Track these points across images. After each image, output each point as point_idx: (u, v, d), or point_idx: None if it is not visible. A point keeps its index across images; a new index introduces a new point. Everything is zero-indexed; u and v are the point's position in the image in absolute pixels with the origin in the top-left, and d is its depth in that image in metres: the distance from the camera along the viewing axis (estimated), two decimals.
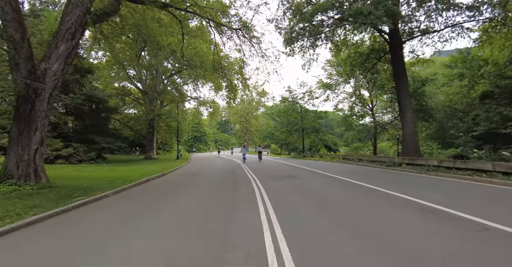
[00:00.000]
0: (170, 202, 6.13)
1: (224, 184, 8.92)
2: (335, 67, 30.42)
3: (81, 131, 21.97)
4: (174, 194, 7.31)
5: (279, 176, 10.31)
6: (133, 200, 6.64)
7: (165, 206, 5.76)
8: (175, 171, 14.88)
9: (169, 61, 32.52)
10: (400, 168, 11.85)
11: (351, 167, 14.39)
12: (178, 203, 6.07)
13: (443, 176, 9.31)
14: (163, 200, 6.45)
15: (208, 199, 6.55)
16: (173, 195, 7.15)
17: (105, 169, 14.62)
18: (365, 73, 16.11)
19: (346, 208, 5.21)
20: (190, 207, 5.73)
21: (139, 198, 6.95)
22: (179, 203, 6.08)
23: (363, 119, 29.63)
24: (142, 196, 7.13)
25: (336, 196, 6.57)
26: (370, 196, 6.36)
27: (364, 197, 6.31)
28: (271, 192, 6.88)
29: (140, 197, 7.02)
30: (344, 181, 8.81)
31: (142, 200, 6.60)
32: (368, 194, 6.58)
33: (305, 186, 7.97)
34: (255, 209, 5.13)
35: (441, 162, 10.22)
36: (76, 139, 20.22)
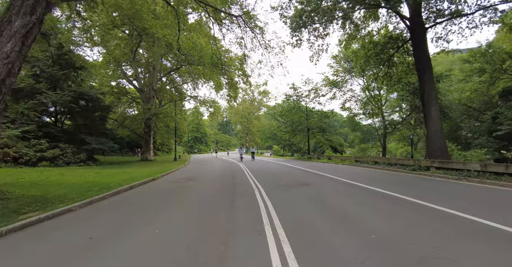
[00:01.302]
0: (144, 225, 4.54)
1: (221, 195, 7.00)
2: (341, 64, 28.86)
3: (71, 131, 20.50)
4: (154, 212, 5.71)
5: (288, 183, 8.59)
6: (99, 219, 5.06)
7: (136, 230, 4.17)
8: (168, 175, 13.32)
9: (167, 58, 31.14)
10: (429, 172, 10.13)
11: (369, 171, 12.63)
12: (154, 227, 4.48)
13: (495, 185, 7.47)
14: (137, 220, 4.87)
15: (196, 220, 4.95)
16: (152, 213, 5.55)
17: (91, 173, 13.08)
18: (380, 66, 14.50)
19: (406, 245, 3.20)
20: (166, 238, 4.13)
21: (108, 215, 5.37)
22: (156, 227, 4.48)
23: (372, 119, 27.96)
24: (114, 213, 5.54)
25: (377, 217, 4.49)
26: (435, 221, 4.22)
27: (428, 222, 4.16)
28: (282, 211, 5.05)
29: (111, 214, 5.43)
30: (374, 192, 6.95)
31: (110, 219, 5.02)
32: (427, 217, 4.49)
33: (325, 199, 6.19)
34: (262, 245, 3.30)
35: (486, 166, 8.49)
36: (65, 139, 18.73)
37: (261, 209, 5.16)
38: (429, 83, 11.49)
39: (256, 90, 61.03)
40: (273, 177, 10.31)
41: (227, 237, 3.61)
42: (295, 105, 27.07)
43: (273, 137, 50.96)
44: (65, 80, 21.27)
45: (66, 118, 22.56)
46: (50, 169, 14.44)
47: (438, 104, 11.76)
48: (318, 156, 24.34)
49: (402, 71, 14.42)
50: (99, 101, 21.96)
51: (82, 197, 6.58)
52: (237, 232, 3.85)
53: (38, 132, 16.72)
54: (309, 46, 14.64)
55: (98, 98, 21.27)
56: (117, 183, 9.34)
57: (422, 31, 11.71)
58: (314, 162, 21.01)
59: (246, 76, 25.94)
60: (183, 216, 4.93)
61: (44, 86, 17.64)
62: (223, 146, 79.47)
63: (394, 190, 7.05)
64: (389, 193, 6.74)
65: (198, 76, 31.80)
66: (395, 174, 10.64)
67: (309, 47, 14.62)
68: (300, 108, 26.70)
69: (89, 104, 20.90)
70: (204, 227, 4.15)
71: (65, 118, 21.27)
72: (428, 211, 4.93)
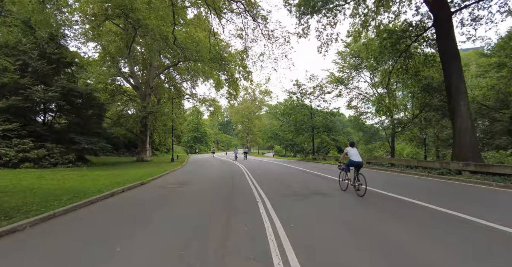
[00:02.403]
0: (109, 255, 3.16)
1: (213, 210, 5.20)
2: (347, 60, 27.48)
3: (60, 130, 19.19)
4: (114, 237, 4.34)
5: (297, 191, 7.08)
6: (50, 244, 3.68)
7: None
8: (160, 178, 11.96)
9: (165, 54, 29.86)
10: (462, 177, 8.60)
11: (390, 176, 10.91)
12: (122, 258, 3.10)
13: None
14: (89, 253, 3.49)
15: (177, 249, 3.56)
16: (127, 234, 4.18)
17: (75, 176, 11.76)
18: (396, 58, 13.07)
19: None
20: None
21: (67, 237, 4.00)
22: (125, 258, 3.10)
23: (384, 116, 26.53)
24: (76, 232, 4.18)
25: (436, 252, 2.99)
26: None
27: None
28: (297, 236, 3.56)
29: (71, 234, 4.07)
30: (409, 205, 5.38)
31: (64, 245, 3.64)
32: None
33: (351, 216, 4.56)
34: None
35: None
36: (52, 138, 17.42)
37: (270, 242, 3.33)
38: (457, 74, 10.09)
39: (257, 89, 59.74)
40: (279, 183, 8.91)
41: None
42: (299, 103, 25.62)
43: (275, 137, 49.53)
44: (54, 76, 19.96)
45: (56, 116, 21.29)
46: (31, 171, 13.13)
47: (467, 98, 10.34)
48: (323, 157, 22.83)
49: (420, 63, 13.01)
50: (92, 99, 20.66)
51: (43, 209, 5.24)
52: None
53: (22, 131, 15.41)
54: (317, 36, 13.28)
55: (90, 95, 19.96)
56: (98, 188, 8.02)
57: (447, 16, 10.32)
58: (320, 164, 19.56)
59: (247, 73, 24.62)
60: (146, 253, 3.21)
61: (29, 81, 16.33)
62: (223, 146, 78.17)
63: (446, 204, 5.32)
64: (425, 204, 5.34)
65: (197, 73, 30.54)
66: (424, 180, 9.00)
67: (317, 37, 13.26)
68: (304, 106, 25.26)
69: (79, 101, 19.58)
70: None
71: (54, 116, 19.97)
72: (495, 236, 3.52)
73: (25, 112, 16.55)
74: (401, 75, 13.75)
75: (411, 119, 24.75)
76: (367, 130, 29.49)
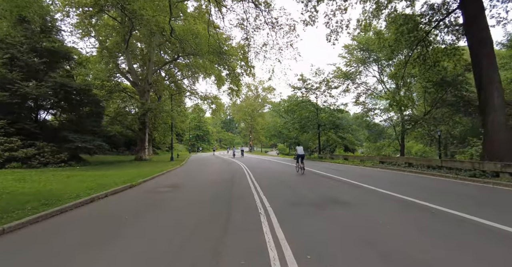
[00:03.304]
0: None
1: (205, 227, 4.00)
2: (354, 54, 26.14)
3: (52, 128, 18.31)
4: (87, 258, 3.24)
5: (310, 199, 5.76)
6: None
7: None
8: (154, 179, 10.94)
9: (165, 49, 28.82)
10: (501, 180, 7.25)
11: (415, 178, 9.34)
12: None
13: None
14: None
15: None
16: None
17: (61, 177, 10.80)
18: (414, 46, 11.75)
19: None
20: None
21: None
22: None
23: (389, 113, 25.24)
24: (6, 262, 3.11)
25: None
26: None
27: None
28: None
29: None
30: (472, 226, 3.85)
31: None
32: None
33: (385, 239, 3.32)
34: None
35: None
36: (43, 137, 16.52)
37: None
38: (489, 61, 8.81)
39: (260, 86, 58.52)
40: (287, 188, 7.55)
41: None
42: (304, 99, 24.32)
43: (278, 135, 48.39)
44: (48, 71, 19.02)
45: (48, 114, 20.43)
46: (16, 172, 12.21)
47: (501, 89, 9.04)
48: (331, 156, 21.54)
49: (439, 52, 11.69)
50: (88, 95, 19.70)
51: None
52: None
53: (9, 129, 14.50)
54: (326, 23, 12.05)
55: (86, 91, 18.97)
56: (77, 193, 7.00)
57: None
58: (328, 163, 18.33)
59: (250, 67, 23.47)
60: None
61: (18, 76, 15.38)
62: (226, 144, 77.27)
63: (487, 216, 4.16)
64: (490, 224, 3.96)
65: (198, 69, 29.50)
66: (458, 184, 7.61)
67: (326, 24, 12.03)
68: (310, 102, 23.95)
69: (74, 98, 18.62)
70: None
71: (46, 113, 19.06)
72: None
73: (14, 108, 15.62)
74: (418, 65, 12.46)
75: (422, 115, 23.39)
76: (375, 128, 28.20)
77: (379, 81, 26.55)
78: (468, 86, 20.75)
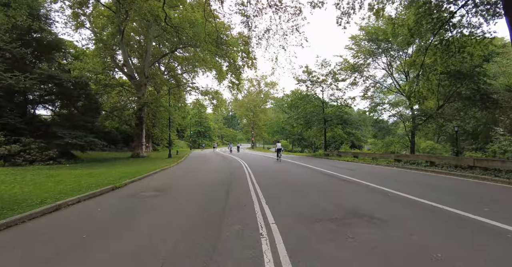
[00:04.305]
0: None
1: (183, 255, 2.78)
2: (362, 46, 24.60)
3: (41, 123, 17.24)
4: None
5: (326, 211, 4.44)
6: None
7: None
8: (143, 180, 9.79)
9: (163, 42, 27.50)
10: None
11: (446, 181, 7.89)
12: None
13: None
14: None
15: None
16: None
17: (40, 176, 9.73)
18: (436, 29, 10.31)
19: None
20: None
21: None
22: None
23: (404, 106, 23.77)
24: None
25: None
26: None
27: None
28: None
29: None
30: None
31: None
32: None
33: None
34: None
35: None
36: (30, 132, 15.47)
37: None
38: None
39: (263, 81, 57.04)
40: (294, 192, 6.36)
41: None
42: (309, 92, 22.87)
43: (281, 131, 47.13)
44: (36, 62, 17.91)
45: (46, 109, 19.40)
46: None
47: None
48: (338, 153, 20.13)
49: (465, 35, 10.26)
50: (80, 88, 18.55)
51: None
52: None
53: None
54: (336, 4, 10.66)
55: (77, 84, 17.81)
56: (44, 198, 5.90)
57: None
58: (336, 161, 17.04)
59: (251, 59, 22.14)
60: None
61: (1, 67, 14.25)
62: (228, 140, 76.19)
63: None
64: None
65: (198, 62, 28.22)
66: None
67: (336, 5, 10.64)
68: (315, 95, 22.52)
69: (64, 91, 17.47)
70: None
71: (34, 107, 17.97)
72: None
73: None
74: (440, 52, 11.05)
75: (435, 109, 21.94)
76: (381, 124, 26.80)
77: (389, 74, 25.05)
78: (486, 78, 19.27)
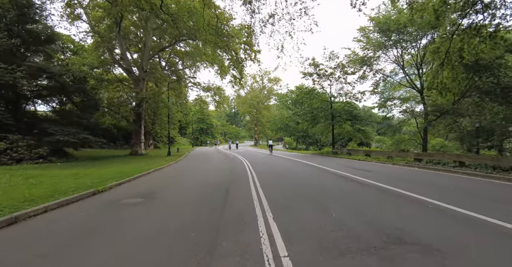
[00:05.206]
0: None
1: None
2: (370, 38, 23.16)
3: (33, 119, 16.30)
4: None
5: (358, 235, 3.22)
6: None
7: None
8: (129, 183, 8.70)
9: (163, 35, 26.36)
10: None
11: (503, 188, 6.52)
12: None
13: None
14: None
15: None
16: None
17: (18, 178, 8.77)
18: (467, 9, 8.97)
19: None
20: None
21: None
22: None
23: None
24: None
25: None
26: None
27: None
28: None
29: None
30: None
31: None
32: None
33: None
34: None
35: None
36: (20, 129, 14.55)
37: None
38: None
39: (266, 76, 55.67)
40: (306, 201, 5.12)
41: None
42: (316, 87, 21.50)
43: (285, 128, 45.88)
44: (27, 55, 16.92)
45: (30, 103, 18.46)
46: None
47: None
48: (348, 150, 18.75)
49: (498, 18, 8.95)
50: (74, 82, 17.59)
51: None
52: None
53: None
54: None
55: (75, 78, 16.82)
56: (2, 207, 4.85)
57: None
58: (346, 160, 15.77)
59: (254, 52, 20.90)
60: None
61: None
62: (231, 138, 75.21)
63: None
64: None
65: (199, 57, 27.09)
66: None
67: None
68: (323, 89, 21.14)
69: (58, 85, 16.48)
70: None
71: (26, 103, 17.01)
72: None
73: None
74: (468, 37, 9.71)
75: (451, 104, 20.50)
76: (388, 121, 25.45)
77: (400, 67, 23.60)
78: (508, 70, 17.81)
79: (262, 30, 10.98)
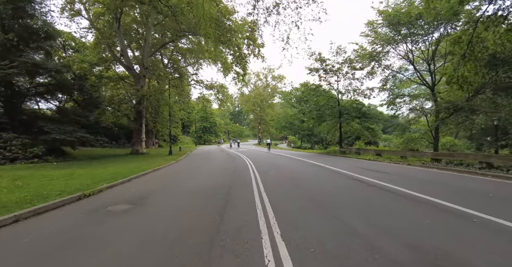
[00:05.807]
0: None
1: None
2: (378, 33, 22.17)
3: (30, 117, 15.77)
4: None
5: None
6: None
7: None
8: (122, 185, 8.03)
9: (165, 32, 25.71)
10: None
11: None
12: None
13: None
14: None
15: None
16: None
17: (7, 179, 8.15)
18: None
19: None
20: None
21: None
22: None
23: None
24: None
25: None
26: None
27: None
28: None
29: None
30: None
31: None
32: None
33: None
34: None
35: None
36: (15, 127, 14.04)
37: None
38: None
39: (270, 74, 54.79)
40: (323, 216, 4.09)
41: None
42: (322, 83, 20.59)
43: (289, 126, 45.05)
44: (23, 51, 16.35)
45: (30, 101, 17.99)
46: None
47: None
48: (357, 150, 17.79)
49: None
50: (74, 80, 17.03)
51: None
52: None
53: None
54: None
55: (75, 75, 16.26)
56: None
57: None
58: (356, 160, 14.85)
59: (257, 46, 20.13)
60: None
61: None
62: (234, 136, 74.60)
63: None
64: None
65: (202, 54, 26.42)
66: None
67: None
68: (330, 85, 20.19)
69: (54, 83, 15.94)
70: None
71: (22, 100, 16.49)
72: None
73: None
74: (493, 26, 8.80)
75: (464, 101, 19.42)
76: (401, 119, 24.43)
77: (410, 62, 22.56)
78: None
79: (266, 20, 10.16)
